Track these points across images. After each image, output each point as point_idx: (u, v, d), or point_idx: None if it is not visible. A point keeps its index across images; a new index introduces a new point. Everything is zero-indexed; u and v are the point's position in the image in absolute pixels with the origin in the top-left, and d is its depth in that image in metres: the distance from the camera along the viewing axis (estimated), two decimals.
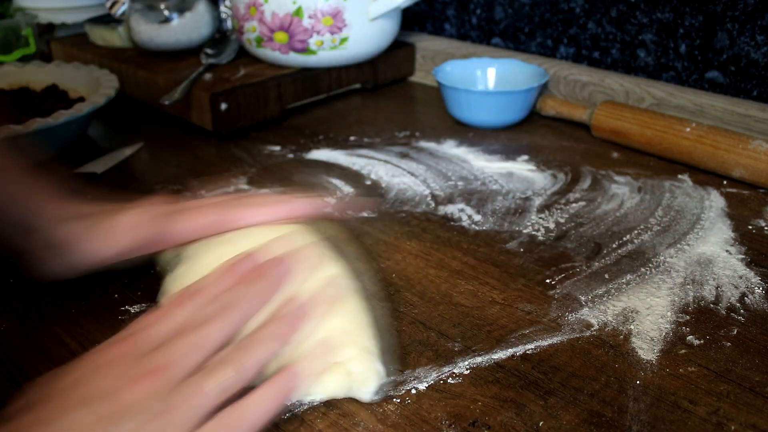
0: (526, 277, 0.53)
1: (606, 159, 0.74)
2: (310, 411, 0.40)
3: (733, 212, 0.62)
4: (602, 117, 0.77)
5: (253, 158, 0.75)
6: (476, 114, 0.80)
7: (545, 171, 0.71)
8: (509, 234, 0.59)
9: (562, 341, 0.46)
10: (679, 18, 0.80)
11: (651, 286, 0.52)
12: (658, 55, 0.83)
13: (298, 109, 0.89)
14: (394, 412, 0.40)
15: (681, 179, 0.69)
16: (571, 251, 0.57)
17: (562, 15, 0.90)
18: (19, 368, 0.44)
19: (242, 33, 0.87)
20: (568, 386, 0.42)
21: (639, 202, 0.64)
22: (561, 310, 0.49)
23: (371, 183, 0.69)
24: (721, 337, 0.46)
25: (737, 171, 0.67)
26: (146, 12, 0.90)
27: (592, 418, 0.39)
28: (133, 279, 0.53)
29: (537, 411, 0.40)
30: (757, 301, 0.50)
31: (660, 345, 0.45)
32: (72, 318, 0.49)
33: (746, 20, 0.74)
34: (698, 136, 0.69)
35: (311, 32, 0.83)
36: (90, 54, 0.94)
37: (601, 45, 0.88)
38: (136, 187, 0.69)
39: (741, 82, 0.77)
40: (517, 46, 0.97)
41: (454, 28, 1.04)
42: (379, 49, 0.90)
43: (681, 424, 0.39)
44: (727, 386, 0.42)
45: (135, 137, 0.80)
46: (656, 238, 0.58)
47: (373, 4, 0.84)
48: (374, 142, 0.79)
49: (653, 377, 0.42)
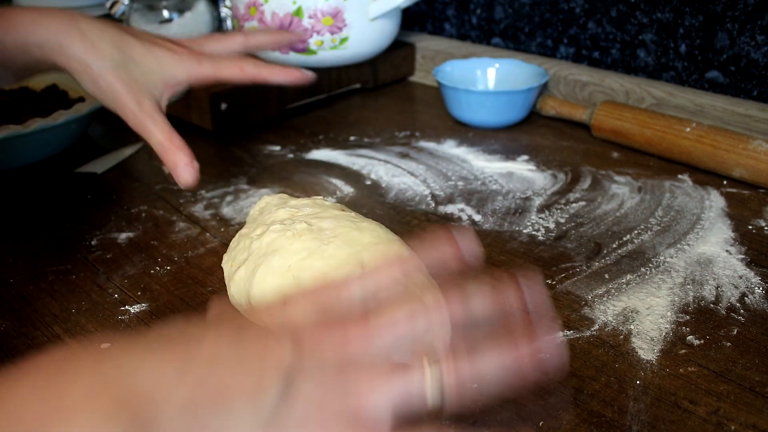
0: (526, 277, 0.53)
1: (606, 159, 0.74)
2: None
3: (733, 212, 0.62)
4: (602, 117, 0.77)
5: (253, 158, 0.75)
6: (476, 114, 0.80)
7: (545, 171, 0.71)
8: (509, 234, 0.59)
9: (562, 341, 0.46)
10: (679, 18, 0.80)
11: (651, 286, 0.52)
12: (658, 55, 0.83)
13: (298, 109, 0.89)
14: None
15: (681, 179, 0.69)
16: (571, 251, 0.57)
17: (562, 15, 0.90)
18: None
19: None
20: (568, 386, 0.42)
21: (639, 202, 0.64)
22: (561, 310, 0.49)
23: (371, 183, 0.69)
24: (721, 337, 0.46)
25: (737, 171, 0.67)
26: (146, 12, 0.90)
27: (592, 418, 0.39)
28: (133, 279, 0.53)
29: (537, 411, 0.40)
30: (757, 301, 0.50)
31: (660, 345, 0.45)
32: (72, 318, 0.49)
33: (746, 20, 0.74)
34: (698, 136, 0.69)
35: (311, 32, 0.83)
36: None
37: (601, 45, 0.88)
38: (136, 187, 0.69)
39: (741, 82, 0.77)
40: (517, 46, 0.97)
41: (454, 28, 1.04)
42: (379, 49, 0.90)
43: (681, 424, 0.39)
44: (727, 386, 0.42)
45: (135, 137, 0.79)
46: (656, 238, 0.58)
47: (373, 4, 0.84)
48: (374, 142, 0.79)
49: (653, 377, 0.42)
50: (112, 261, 0.56)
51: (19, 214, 0.64)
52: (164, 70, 0.54)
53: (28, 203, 0.66)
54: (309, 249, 0.44)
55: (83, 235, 0.60)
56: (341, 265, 0.43)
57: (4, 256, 0.57)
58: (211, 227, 0.61)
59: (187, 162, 0.52)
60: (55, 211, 0.64)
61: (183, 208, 0.64)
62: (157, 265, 0.55)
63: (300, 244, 0.45)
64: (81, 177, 0.71)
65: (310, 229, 0.46)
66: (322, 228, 0.46)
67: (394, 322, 0.32)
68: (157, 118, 0.53)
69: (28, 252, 0.57)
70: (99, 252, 0.57)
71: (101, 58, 0.51)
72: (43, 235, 0.60)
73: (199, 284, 0.53)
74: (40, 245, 0.58)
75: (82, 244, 0.58)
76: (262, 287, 0.44)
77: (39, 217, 0.63)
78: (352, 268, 0.43)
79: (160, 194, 0.67)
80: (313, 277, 0.43)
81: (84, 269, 0.55)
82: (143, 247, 0.58)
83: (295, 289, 0.39)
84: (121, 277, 0.54)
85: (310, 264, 0.44)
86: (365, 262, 0.43)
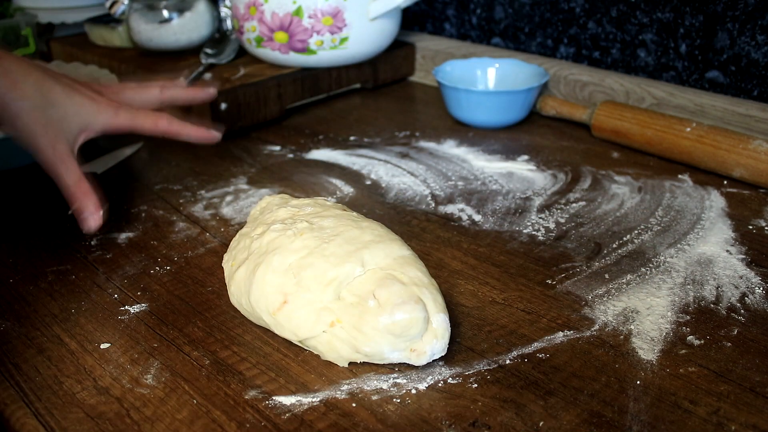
0: (526, 277, 0.53)
1: (606, 159, 0.74)
2: (309, 411, 0.40)
3: (733, 212, 0.62)
4: (602, 117, 0.77)
5: (253, 158, 0.75)
6: (476, 114, 0.80)
7: (545, 171, 0.71)
8: (509, 234, 0.59)
9: (562, 341, 0.46)
10: (679, 18, 0.80)
11: (651, 286, 0.52)
12: (659, 54, 0.83)
13: (298, 108, 0.89)
14: (394, 412, 0.40)
15: (681, 179, 0.69)
16: (571, 251, 0.57)
17: (562, 15, 0.90)
18: (18, 368, 0.44)
19: (242, 33, 0.87)
20: (568, 386, 0.42)
21: (639, 202, 0.64)
22: (561, 311, 0.49)
23: (371, 183, 0.69)
24: (721, 337, 0.46)
25: (737, 171, 0.67)
26: (146, 12, 0.90)
27: (592, 418, 0.39)
28: (133, 279, 0.53)
29: (537, 411, 0.40)
30: (758, 301, 0.50)
31: (660, 345, 0.45)
32: (72, 318, 0.49)
33: (746, 20, 0.74)
34: (698, 136, 0.69)
35: (311, 32, 0.83)
36: (90, 54, 0.94)
37: (601, 45, 0.88)
38: (135, 187, 0.69)
39: (741, 81, 0.77)
40: (517, 46, 0.97)
41: (454, 28, 1.04)
42: (379, 49, 0.90)
43: (681, 424, 0.39)
44: (727, 386, 0.42)
45: (135, 137, 0.80)
46: (656, 238, 0.58)
47: (373, 3, 0.84)
48: (374, 142, 0.79)
49: (653, 377, 0.42)
50: (111, 261, 0.56)
51: (19, 214, 0.64)
52: (82, 118, 0.55)
53: (28, 203, 0.66)
54: (309, 247, 0.44)
55: (83, 235, 0.59)
56: (341, 263, 0.43)
57: (4, 256, 0.57)
58: (211, 227, 0.61)
59: (92, 210, 0.53)
60: (55, 211, 0.64)
61: (183, 208, 0.64)
62: (156, 265, 0.55)
63: (300, 243, 0.45)
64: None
65: (311, 227, 0.46)
66: (323, 227, 0.46)
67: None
68: (69, 162, 0.53)
69: (27, 252, 0.57)
70: (99, 252, 0.57)
71: (21, 98, 0.51)
72: (42, 236, 0.60)
73: (199, 284, 0.53)
74: (40, 245, 0.58)
75: (82, 244, 0.58)
76: (261, 286, 0.44)
77: (39, 217, 0.63)
78: (352, 265, 0.43)
79: (159, 194, 0.67)
80: (313, 276, 0.43)
81: (84, 269, 0.55)
82: (143, 247, 0.58)
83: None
84: (120, 277, 0.54)
85: (310, 262, 0.44)
86: (365, 261, 0.43)
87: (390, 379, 0.42)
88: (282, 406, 0.41)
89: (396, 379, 0.43)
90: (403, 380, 0.42)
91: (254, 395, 0.41)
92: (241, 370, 0.44)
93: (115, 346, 0.46)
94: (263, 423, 0.39)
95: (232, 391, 0.42)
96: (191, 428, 0.39)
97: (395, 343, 0.41)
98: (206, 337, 0.47)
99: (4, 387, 0.43)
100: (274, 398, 0.41)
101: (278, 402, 0.41)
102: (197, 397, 0.41)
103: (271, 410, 0.40)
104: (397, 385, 0.42)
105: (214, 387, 0.42)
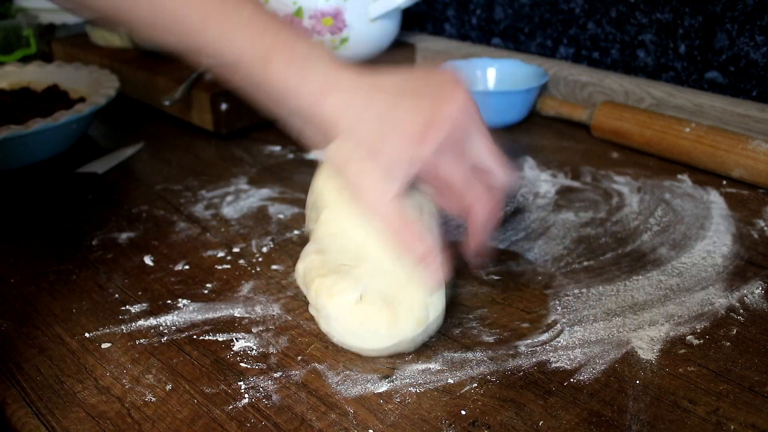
0: (526, 276, 0.53)
1: (606, 159, 0.74)
2: (310, 411, 0.40)
3: (732, 212, 0.62)
4: (602, 117, 0.77)
5: (254, 158, 0.75)
6: None
7: (545, 171, 0.71)
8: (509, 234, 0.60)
9: (562, 341, 0.46)
10: (678, 18, 0.80)
11: (650, 286, 0.52)
12: (658, 55, 0.83)
13: None
14: (394, 412, 0.40)
15: (681, 179, 0.69)
16: (571, 251, 0.57)
17: (562, 15, 0.90)
18: (19, 368, 0.44)
19: None
20: (568, 386, 0.42)
21: (639, 202, 0.64)
22: (561, 310, 0.49)
23: None
24: (720, 337, 0.46)
25: (737, 171, 0.67)
26: None
27: (592, 418, 0.39)
28: (133, 279, 0.53)
29: (537, 411, 0.40)
30: (757, 301, 0.50)
31: (659, 345, 0.45)
32: (72, 318, 0.49)
33: (746, 20, 0.74)
34: (698, 137, 0.69)
35: (311, 33, 0.83)
36: (91, 54, 0.94)
37: (601, 45, 0.88)
38: (136, 187, 0.69)
39: (740, 82, 0.77)
40: (517, 47, 0.97)
41: (454, 28, 1.04)
42: (379, 49, 0.90)
43: (680, 423, 0.39)
44: (726, 386, 0.42)
45: (136, 137, 0.80)
46: (656, 238, 0.58)
47: (373, 4, 0.84)
48: None
49: (653, 377, 0.43)
50: (112, 261, 0.56)
51: (20, 214, 0.64)
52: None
53: (29, 203, 0.66)
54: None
55: (84, 235, 0.60)
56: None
57: (5, 255, 0.57)
58: (211, 227, 0.61)
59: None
60: (56, 211, 0.64)
61: (183, 208, 0.64)
62: (157, 264, 0.55)
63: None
64: (82, 177, 0.71)
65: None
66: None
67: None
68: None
69: (28, 252, 0.58)
70: (100, 252, 0.57)
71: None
72: (43, 235, 0.60)
73: (199, 284, 0.53)
74: (41, 245, 0.58)
75: (83, 244, 0.58)
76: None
77: (40, 217, 0.63)
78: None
79: (160, 194, 0.67)
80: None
81: (85, 269, 0.55)
82: (144, 246, 0.58)
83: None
84: (121, 276, 0.54)
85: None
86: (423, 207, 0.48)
87: (390, 379, 0.43)
88: (282, 405, 0.41)
89: (396, 379, 0.43)
90: (403, 380, 0.43)
91: (255, 395, 0.42)
92: (241, 370, 0.44)
93: (116, 345, 0.46)
94: (263, 423, 0.39)
95: (233, 390, 0.42)
96: (192, 428, 0.39)
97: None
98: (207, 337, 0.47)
99: (6, 386, 0.43)
100: (274, 398, 0.41)
101: (278, 402, 0.41)
102: (198, 396, 0.42)
103: (272, 410, 0.40)
104: (397, 385, 0.42)
105: (214, 386, 0.42)
